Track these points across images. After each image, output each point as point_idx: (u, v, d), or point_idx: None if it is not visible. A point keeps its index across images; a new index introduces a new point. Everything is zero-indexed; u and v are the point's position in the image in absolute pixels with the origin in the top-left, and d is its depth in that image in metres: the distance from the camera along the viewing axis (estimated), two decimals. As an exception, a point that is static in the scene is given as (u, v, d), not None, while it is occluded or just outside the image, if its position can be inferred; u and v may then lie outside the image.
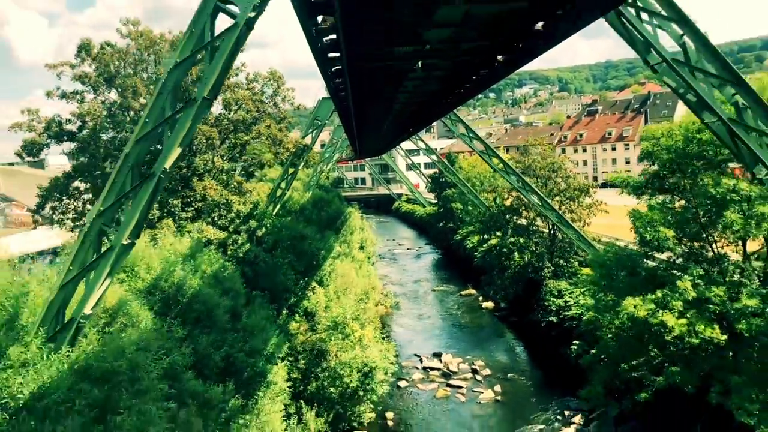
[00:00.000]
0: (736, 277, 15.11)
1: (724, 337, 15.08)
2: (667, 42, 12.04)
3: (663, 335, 15.62)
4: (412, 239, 74.53)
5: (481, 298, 40.53)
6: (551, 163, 31.36)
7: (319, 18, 9.21)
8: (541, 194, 30.82)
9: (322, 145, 55.87)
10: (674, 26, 10.76)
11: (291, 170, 29.33)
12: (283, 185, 29.35)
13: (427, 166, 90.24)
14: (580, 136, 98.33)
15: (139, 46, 23.05)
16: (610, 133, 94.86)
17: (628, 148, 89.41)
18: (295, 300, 23.21)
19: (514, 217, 34.52)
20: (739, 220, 14.23)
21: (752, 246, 16.78)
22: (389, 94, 16.51)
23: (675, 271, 15.68)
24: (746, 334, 14.35)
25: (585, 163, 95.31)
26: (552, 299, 30.52)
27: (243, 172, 30.66)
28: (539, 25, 9.42)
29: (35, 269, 11.76)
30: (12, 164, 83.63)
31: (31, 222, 47.03)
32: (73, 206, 23.72)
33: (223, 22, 20.85)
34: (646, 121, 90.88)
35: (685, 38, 10.72)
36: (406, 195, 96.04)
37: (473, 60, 11.47)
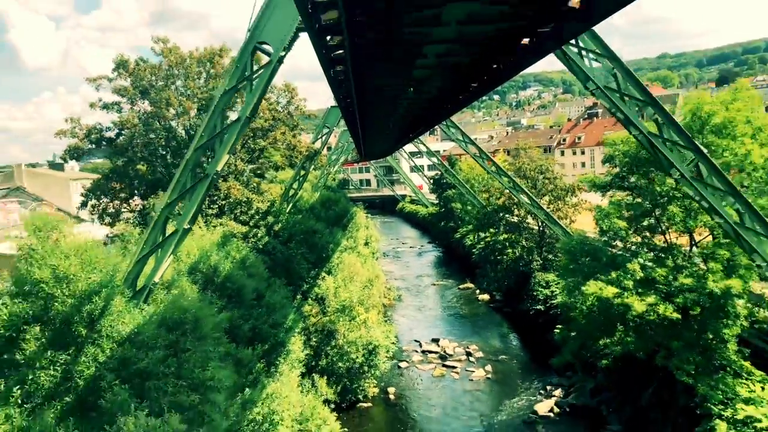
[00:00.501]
0: (680, 261, 17.96)
1: (677, 314, 17.95)
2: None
3: (625, 313, 18.51)
4: (415, 238, 77.42)
5: (478, 291, 43.40)
6: (539, 165, 34.30)
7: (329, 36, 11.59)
8: (530, 194, 33.73)
9: (329, 148, 58.95)
10: (607, 61, 13.37)
11: (302, 172, 32.39)
12: (295, 186, 32.40)
13: (430, 168, 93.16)
14: (579, 138, 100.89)
15: (170, 63, 26.14)
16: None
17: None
18: (308, 287, 26.21)
19: (507, 215, 37.45)
20: (680, 214, 17.11)
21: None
22: (392, 103, 19.04)
23: (629, 256, 18.55)
24: (689, 308, 17.28)
25: (583, 165, 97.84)
26: (540, 290, 33.41)
27: (252, 174, 33.68)
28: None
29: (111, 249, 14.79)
30: (33, 165, 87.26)
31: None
32: (112, 204, 26.79)
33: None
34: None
35: (616, 70, 13.31)
36: (410, 196, 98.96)
37: (469, 70, 12.03)
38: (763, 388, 17.46)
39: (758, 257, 13.56)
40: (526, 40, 9.53)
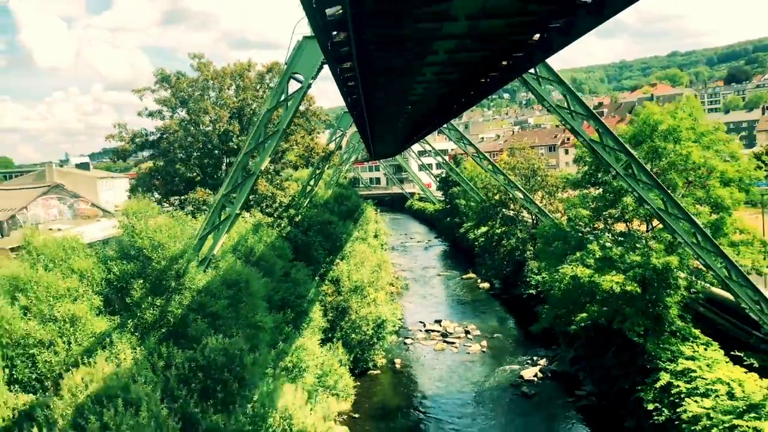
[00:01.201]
0: (635, 243, 21.68)
1: (638, 288, 21.64)
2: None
3: (594, 289, 22.25)
4: (423, 233, 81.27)
5: (479, 280, 47.19)
6: (532, 163, 38.03)
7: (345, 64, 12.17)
8: (524, 190, 37.48)
9: (339, 148, 62.98)
10: (557, 86, 16.77)
11: (318, 171, 36.38)
12: (312, 182, 36.39)
13: (438, 166, 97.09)
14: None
15: (205, 77, 30.25)
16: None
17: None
18: (324, 269, 30.19)
19: (503, 210, 41.23)
20: (632, 204, 20.82)
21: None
22: (398, 109, 21.83)
23: (592, 239, 22.27)
24: (647, 282, 21.03)
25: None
26: (532, 276, 37.10)
27: (274, 173, 37.73)
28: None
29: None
30: (61, 165, 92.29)
31: (94, 215, 54.83)
32: (154, 199, 30.95)
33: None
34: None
35: (565, 92, 16.61)
36: (418, 194, 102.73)
37: (475, 69, 12.54)
38: (705, 349, 21.21)
39: (678, 235, 17.24)
40: (536, 36, 9.59)
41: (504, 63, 10.25)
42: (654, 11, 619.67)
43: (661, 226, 22.55)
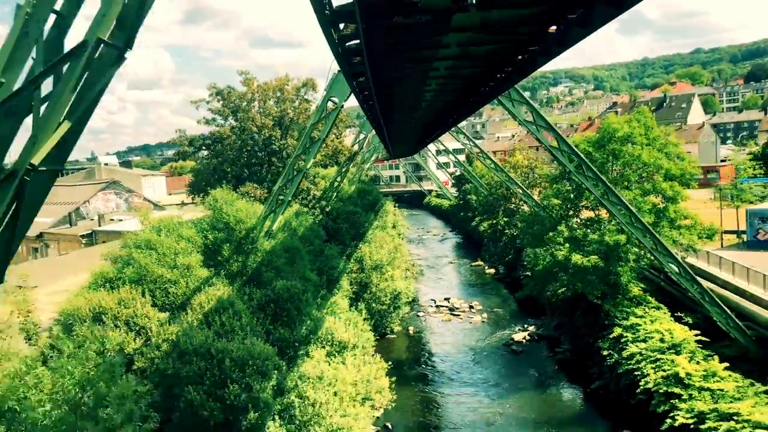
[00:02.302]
0: (597, 226, 27.31)
1: (601, 262, 27.27)
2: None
3: (567, 263, 27.96)
4: (439, 228, 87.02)
5: (486, 267, 52.93)
6: (530, 162, 43.65)
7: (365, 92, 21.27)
8: (522, 186, 43.12)
9: (361, 148, 69.14)
10: (524, 105, 22.21)
11: (344, 169, 42.51)
12: (338, 179, 42.54)
13: (454, 165, 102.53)
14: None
15: (252, 91, 36.60)
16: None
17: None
18: (350, 251, 36.30)
19: (505, 203, 46.94)
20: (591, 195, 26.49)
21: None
22: (411, 108, 26.86)
23: (562, 222, 27.98)
24: (609, 256, 26.70)
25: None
26: (528, 260, 42.78)
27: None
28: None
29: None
30: (107, 164, 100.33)
31: (146, 208, 61.66)
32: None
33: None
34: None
35: (530, 110, 22.03)
36: (435, 191, 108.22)
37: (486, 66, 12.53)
38: (657, 311, 26.80)
39: (615, 217, 22.87)
40: (553, 28, 9.35)
41: (552, 29, 9.54)
42: (678, 7, 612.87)
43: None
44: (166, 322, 16.34)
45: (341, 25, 9.14)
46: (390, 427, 23.51)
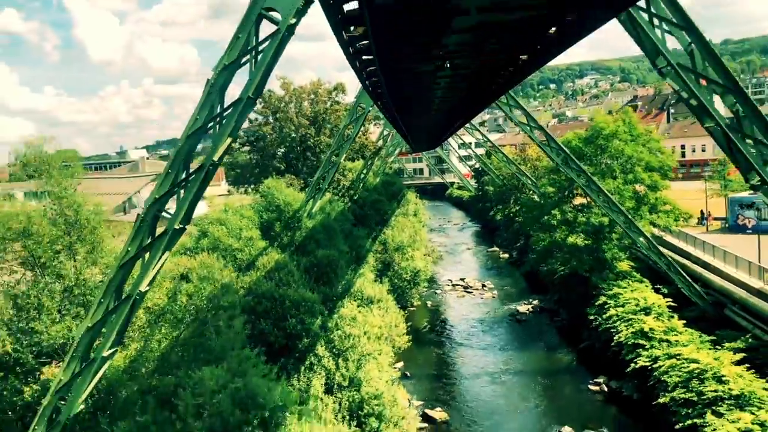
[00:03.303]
0: (586, 211, 31.82)
1: (591, 241, 31.84)
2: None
3: (563, 244, 32.60)
4: (459, 218, 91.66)
5: (501, 252, 57.58)
6: (538, 156, 48.06)
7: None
8: (531, 178, 47.60)
9: (385, 142, 74.12)
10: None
11: (370, 162, 47.57)
12: (365, 171, 47.64)
13: (476, 157, 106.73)
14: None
15: (290, 94, 41.88)
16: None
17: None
18: (375, 234, 41.42)
19: (516, 193, 51.48)
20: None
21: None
22: (424, 103, 30.98)
23: (557, 207, 32.61)
24: (599, 236, 31.28)
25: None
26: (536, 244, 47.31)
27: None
28: (552, 30, 9.39)
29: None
30: (148, 157, 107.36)
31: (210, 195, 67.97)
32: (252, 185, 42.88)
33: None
34: (668, 120, 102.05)
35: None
36: (457, 183, 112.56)
37: (496, 61, 11.73)
38: (640, 282, 31.27)
39: (595, 202, 27.42)
40: (552, 29, 8.41)
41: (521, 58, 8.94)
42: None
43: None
44: (238, 278, 21.66)
45: (351, 27, 9.50)
46: (409, 375, 28.63)
